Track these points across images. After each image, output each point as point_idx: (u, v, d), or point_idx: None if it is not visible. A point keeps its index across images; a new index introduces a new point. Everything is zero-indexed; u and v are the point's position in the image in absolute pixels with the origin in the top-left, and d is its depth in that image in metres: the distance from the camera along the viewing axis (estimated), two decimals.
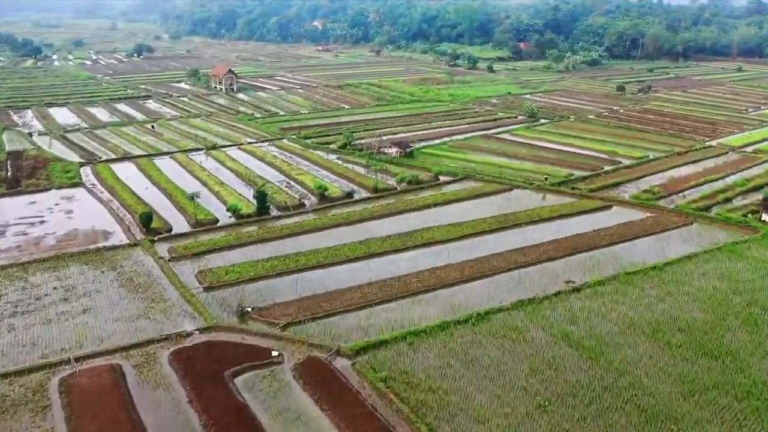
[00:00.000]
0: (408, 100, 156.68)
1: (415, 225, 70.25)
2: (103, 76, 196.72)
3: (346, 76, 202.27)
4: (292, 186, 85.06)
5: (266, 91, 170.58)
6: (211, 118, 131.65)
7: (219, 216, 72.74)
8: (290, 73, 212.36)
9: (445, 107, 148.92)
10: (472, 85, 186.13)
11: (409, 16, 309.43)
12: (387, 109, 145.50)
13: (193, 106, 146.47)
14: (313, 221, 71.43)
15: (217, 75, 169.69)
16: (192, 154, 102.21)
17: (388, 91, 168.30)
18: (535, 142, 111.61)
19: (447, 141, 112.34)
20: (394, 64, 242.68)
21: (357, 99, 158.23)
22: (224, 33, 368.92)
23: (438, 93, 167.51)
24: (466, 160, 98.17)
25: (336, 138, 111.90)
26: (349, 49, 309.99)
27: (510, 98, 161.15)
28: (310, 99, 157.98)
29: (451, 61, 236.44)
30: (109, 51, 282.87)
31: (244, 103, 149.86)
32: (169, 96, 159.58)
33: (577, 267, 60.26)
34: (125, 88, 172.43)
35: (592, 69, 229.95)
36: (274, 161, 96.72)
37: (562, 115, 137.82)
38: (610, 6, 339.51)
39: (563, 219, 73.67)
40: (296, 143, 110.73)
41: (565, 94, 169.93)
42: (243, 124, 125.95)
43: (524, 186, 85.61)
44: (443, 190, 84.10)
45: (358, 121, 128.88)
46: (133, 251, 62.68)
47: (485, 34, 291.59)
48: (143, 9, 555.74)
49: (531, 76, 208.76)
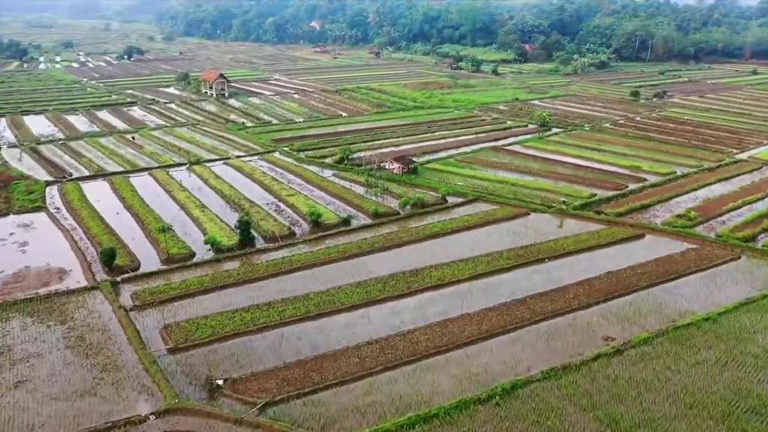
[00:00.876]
0: (410, 106, 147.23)
1: (422, 260, 60.82)
2: (88, 80, 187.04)
3: (344, 80, 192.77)
4: (281, 210, 75.57)
5: (259, 96, 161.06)
6: (197, 128, 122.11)
7: (196, 249, 63.28)
8: (286, 77, 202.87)
9: (450, 114, 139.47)
10: (476, 89, 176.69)
11: (409, 17, 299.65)
12: (387, 116, 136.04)
13: (180, 113, 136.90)
14: (304, 256, 61.90)
15: (207, 80, 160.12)
16: (173, 170, 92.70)
17: (388, 97, 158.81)
18: (549, 156, 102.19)
19: (453, 154, 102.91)
20: (395, 67, 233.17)
21: (355, 105, 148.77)
22: (220, 34, 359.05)
23: (441, 98, 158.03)
24: (476, 177, 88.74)
25: (332, 151, 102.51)
26: (347, 51, 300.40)
27: (518, 104, 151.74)
28: (305, 105, 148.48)
29: (454, 63, 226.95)
30: (99, 53, 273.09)
31: (235, 111, 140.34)
32: (156, 102, 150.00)
33: (614, 317, 50.81)
34: (110, 93, 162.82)
35: (600, 72, 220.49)
36: (263, 179, 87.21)
37: (576, 124, 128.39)
38: (616, 6, 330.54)
39: (591, 251, 64.23)
40: (289, 157, 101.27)
41: (575, 100, 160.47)
42: (232, 135, 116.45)
43: (543, 209, 76.14)
44: (452, 215, 74.58)
45: (357, 131, 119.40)
46: (90, 297, 53.13)
47: (488, 36, 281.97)
48: (138, 9, 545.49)
49: (538, 80, 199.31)
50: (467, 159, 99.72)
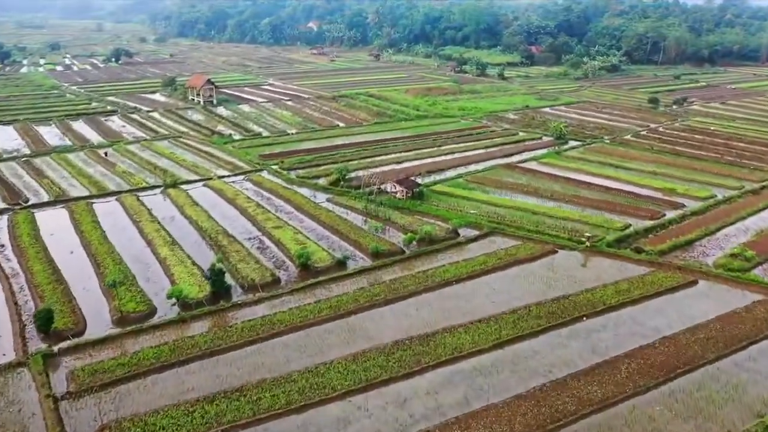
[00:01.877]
0: (412, 115, 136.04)
1: (433, 320, 49.73)
2: (69, 86, 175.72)
3: (342, 85, 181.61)
4: (265, 247, 64.42)
5: (251, 103, 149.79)
6: (179, 141, 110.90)
7: (158, 302, 52.17)
8: (280, 81, 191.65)
9: (456, 125, 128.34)
10: (483, 95, 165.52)
11: (410, 18, 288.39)
12: (388, 127, 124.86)
13: (162, 124, 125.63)
14: (288, 315, 50.60)
15: (194, 86, 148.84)
16: (145, 194, 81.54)
17: (389, 104, 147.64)
18: (570, 175, 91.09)
19: (463, 173, 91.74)
20: (395, 70, 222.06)
21: (353, 114, 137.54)
22: (214, 35, 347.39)
23: (446, 106, 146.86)
24: (490, 203, 77.59)
25: (327, 169, 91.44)
26: (346, 53, 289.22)
27: (529, 113, 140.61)
28: (299, 114, 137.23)
29: (458, 66, 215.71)
30: (87, 55, 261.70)
31: (223, 120, 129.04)
32: (138, 111, 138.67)
33: (682, 408, 39.69)
34: (89, 100, 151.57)
35: (612, 76, 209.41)
36: (246, 206, 75.99)
37: (594, 136, 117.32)
38: (624, 6, 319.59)
39: (636, 306, 53.11)
40: (278, 177, 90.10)
41: (590, 108, 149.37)
42: (217, 149, 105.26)
43: (571, 245, 65.05)
44: (466, 254, 63.40)
45: (355, 145, 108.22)
46: (13, 378, 41.96)
47: (492, 37, 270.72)
48: (132, 9, 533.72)
49: (547, 85, 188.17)
50: (478, 179, 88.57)
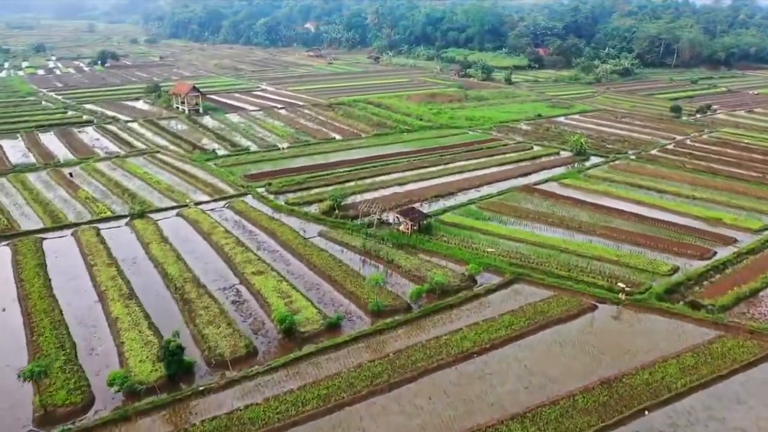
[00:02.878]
0: (415, 126, 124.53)
1: (450, 418, 38.33)
2: (48, 91, 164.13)
3: (340, 91, 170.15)
4: (242, 302, 52.99)
5: (240, 112, 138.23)
6: (156, 158, 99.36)
7: (97, 388, 40.80)
8: (274, 86, 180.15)
9: (464, 137, 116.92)
10: (490, 102, 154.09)
11: (411, 18, 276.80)
12: (389, 140, 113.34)
13: (140, 137, 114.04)
14: (263, 411, 39.04)
15: (178, 94, 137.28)
16: (108, 226, 70.07)
17: (389, 113, 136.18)
18: (598, 200, 79.74)
19: (475, 198, 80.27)
20: (396, 74, 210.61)
21: (351, 125, 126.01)
22: (208, 36, 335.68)
23: (452, 115, 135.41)
24: (510, 238, 66.28)
25: (320, 193, 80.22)
26: (344, 55, 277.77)
27: (543, 123, 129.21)
28: (292, 125, 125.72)
29: (462, 70, 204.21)
30: (72, 57, 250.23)
31: (207, 132, 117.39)
32: (115, 121, 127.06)
33: None
34: (66, 108, 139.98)
35: (625, 80, 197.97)
36: (224, 243, 64.52)
37: (617, 151, 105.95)
38: (632, 6, 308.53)
39: (708, 390, 41.74)
40: (264, 203, 78.60)
41: (607, 117, 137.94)
42: (197, 168, 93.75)
43: (613, 298, 53.66)
44: (487, 312, 51.93)
45: (352, 162, 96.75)
46: None
47: (497, 39, 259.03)
48: (126, 9, 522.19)
49: (557, 90, 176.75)
50: (493, 206, 77.14)
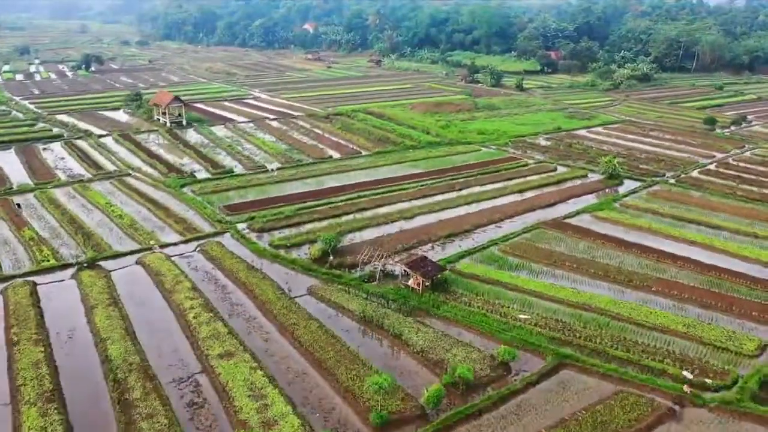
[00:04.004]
0: (422, 141, 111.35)
1: None
2: (21, 100, 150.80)
3: (338, 98, 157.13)
4: (201, 403, 39.83)
5: (228, 124, 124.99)
6: (125, 183, 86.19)
7: None
8: (268, 93, 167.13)
9: (477, 155, 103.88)
10: (503, 113, 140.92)
11: (414, 20, 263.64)
12: (392, 159, 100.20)
13: (112, 155, 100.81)
14: None
15: (159, 104, 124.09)
16: (47, 280, 57.00)
17: (393, 126, 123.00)
18: (643, 239, 66.75)
19: (497, 239, 67.17)
20: (399, 79, 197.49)
21: (350, 140, 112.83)
22: (202, 38, 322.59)
23: (462, 128, 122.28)
24: (545, 296, 53.33)
25: (311, 230, 67.32)
26: (344, 58, 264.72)
27: (564, 137, 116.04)
28: (284, 139, 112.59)
29: (469, 75, 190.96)
30: (56, 61, 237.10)
31: (188, 150, 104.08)
32: (88, 135, 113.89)
33: None
34: (35, 120, 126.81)
35: (644, 86, 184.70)
36: (188, 307, 51.27)
37: (653, 173, 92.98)
38: (644, 6, 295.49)
39: None
40: (243, 244, 65.53)
41: (634, 129, 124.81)
42: (171, 196, 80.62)
43: (694, 397, 40.51)
44: (526, 418, 38.77)
45: (350, 188, 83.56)
46: None
47: (505, 41, 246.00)
48: (121, 9, 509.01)
49: (574, 98, 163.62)
50: (519, 249, 64.03)
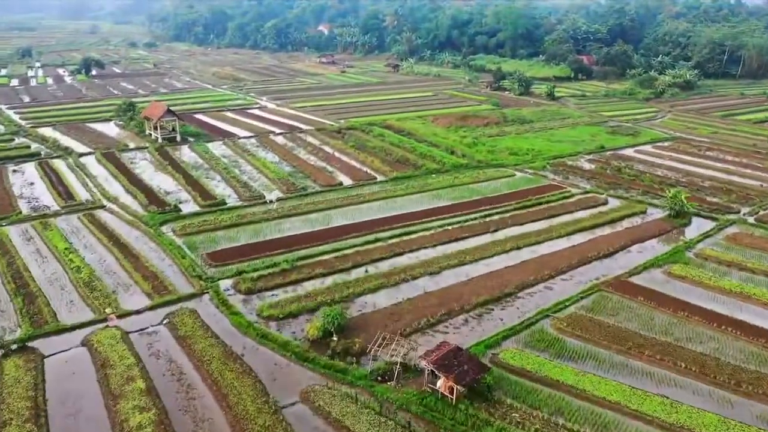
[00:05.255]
0: (446, 163, 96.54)
1: None
2: (7, 109, 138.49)
3: (352, 108, 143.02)
4: None
5: (228, 140, 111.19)
6: (95, 219, 72.42)
7: None
8: (276, 101, 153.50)
9: (510, 181, 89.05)
10: (535, 126, 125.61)
11: (434, 21, 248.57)
12: (412, 187, 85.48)
13: (90, 179, 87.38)
14: None
15: (150, 117, 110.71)
16: None
17: (412, 143, 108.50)
18: (737, 312, 51.74)
19: (547, 308, 52.48)
20: (419, 86, 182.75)
21: (364, 162, 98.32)
22: (213, 39, 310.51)
23: (491, 146, 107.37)
24: (625, 410, 38.67)
25: (313, 293, 52.99)
26: (360, 61, 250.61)
27: (609, 158, 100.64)
28: (289, 159, 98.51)
29: (495, 82, 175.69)
30: (57, 64, 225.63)
31: (177, 173, 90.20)
32: (68, 154, 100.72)
33: None
34: (15, 134, 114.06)
35: (688, 95, 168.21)
36: (134, 429, 37.35)
37: (728, 209, 77.45)
38: (679, 7, 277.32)
39: None
40: (225, 313, 51.43)
41: (688, 149, 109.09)
42: (146, 238, 66.78)
43: None
44: None
45: (363, 228, 69.09)
46: None
47: (532, 44, 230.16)
48: (132, 10, 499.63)
49: (612, 108, 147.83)
50: (578, 325, 49.30)
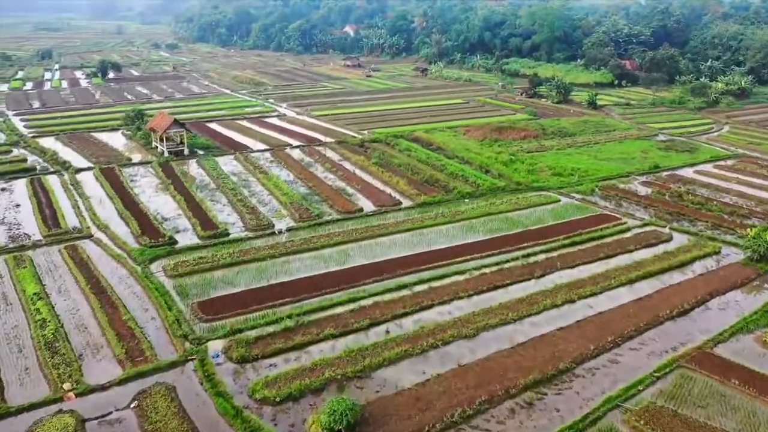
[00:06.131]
0: (482, 185, 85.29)
1: None
2: (13, 116, 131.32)
3: (376, 117, 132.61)
4: None
5: (239, 154, 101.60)
6: (78, 252, 62.86)
7: None
8: (295, 108, 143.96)
9: (555, 208, 77.35)
10: (577, 140, 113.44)
11: (465, 22, 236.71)
12: (442, 217, 74.15)
13: (82, 201, 78.17)
14: None
15: (155, 129, 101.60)
16: None
17: (443, 159, 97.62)
18: None
19: (614, 395, 41.07)
20: (448, 92, 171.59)
21: (388, 182, 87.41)
22: (236, 40, 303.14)
23: (531, 164, 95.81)
24: None
25: (321, 362, 42.54)
26: (386, 64, 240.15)
27: (667, 180, 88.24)
28: (304, 179, 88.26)
29: (530, 89, 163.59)
30: (76, 66, 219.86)
31: (179, 194, 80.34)
32: (65, 169, 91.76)
33: None
34: (14, 145, 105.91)
35: (743, 103, 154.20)
36: None
37: None
38: (725, 7, 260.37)
39: None
40: (210, 392, 41.12)
41: (757, 170, 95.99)
42: (132, 279, 56.99)
43: None
44: None
45: (385, 270, 58.36)
46: None
47: (568, 47, 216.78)
48: (160, 10, 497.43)
49: (661, 119, 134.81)
50: (659, 423, 37.78)
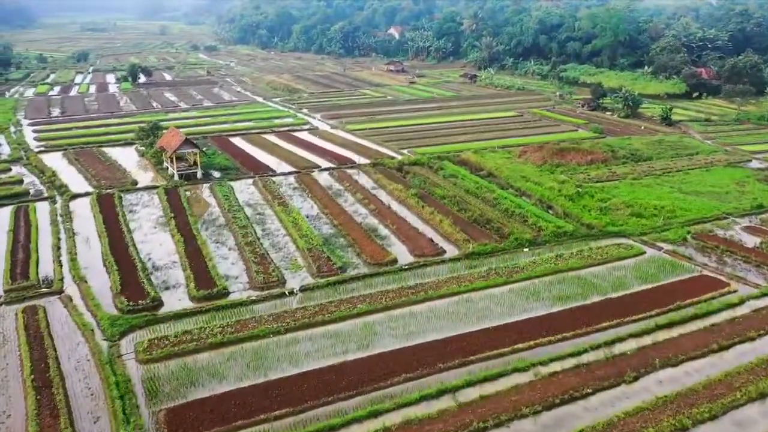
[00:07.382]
0: (543, 230, 69.67)
1: None
2: (29, 125, 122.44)
3: (419, 133, 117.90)
4: None
5: (258, 178, 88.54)
6: (37, 317, 50.07)
7: None
8: (330, 121, 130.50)
9: (639, 265, 61.01)
10: (655, 168, 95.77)
11: (519, 24, 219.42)
12: (496, 276, 58.66)
13: (66, 240, 66.34)
14: None
15: (165, 148, 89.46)
16: None
17: (494, 188, 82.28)
18: None
19: None
20: (500, 102, 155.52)
21: (429, 221, 72.51)
22: (276, 42, 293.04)
23: (602, 198, 79.34)
24: None
25: None
26: (432, 69, 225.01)
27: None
28: (329, 214, 74.21)
29: (594, 100, 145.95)
30: (109, 69, 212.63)
31: (180, 231, 67.36)
32: (61, 194, 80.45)
33: None
34: (14, 161, 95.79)
35: None
36: None
37: None
38: None
39: None
40: None
41: None
42: (86, 371, 43.79)
43: None
44: None
45: (418, 364, 43.58)
46: None
47: (633, 53, 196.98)
48: (205, 10, 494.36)
49: (752, 140, 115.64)
50: None
